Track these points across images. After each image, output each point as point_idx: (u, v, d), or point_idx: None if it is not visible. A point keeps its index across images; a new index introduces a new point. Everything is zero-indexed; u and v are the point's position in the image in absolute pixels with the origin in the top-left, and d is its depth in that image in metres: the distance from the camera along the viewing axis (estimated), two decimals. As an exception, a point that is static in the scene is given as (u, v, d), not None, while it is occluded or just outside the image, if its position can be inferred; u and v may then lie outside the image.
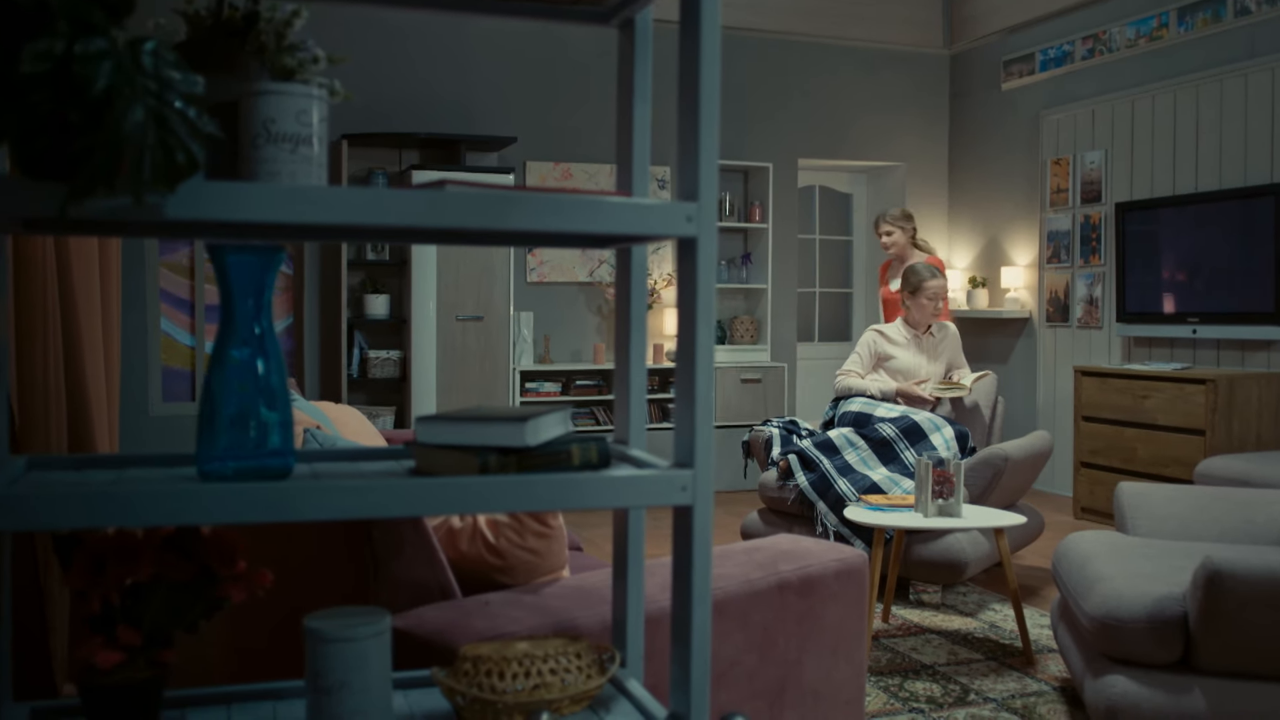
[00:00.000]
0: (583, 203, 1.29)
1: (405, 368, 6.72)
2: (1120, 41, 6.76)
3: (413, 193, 1.24)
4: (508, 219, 1.27)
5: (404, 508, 1.27)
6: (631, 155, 1.53)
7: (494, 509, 1.30)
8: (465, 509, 1.29)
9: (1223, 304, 6.01)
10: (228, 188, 1.19)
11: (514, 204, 1.27)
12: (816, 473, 4.67)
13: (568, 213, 1.28)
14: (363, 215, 1.24)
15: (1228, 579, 2.53)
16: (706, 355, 1.36)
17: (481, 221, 1.26)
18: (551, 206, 1.28)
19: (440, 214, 1.25)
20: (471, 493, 1.28)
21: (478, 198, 1.25)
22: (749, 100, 7.78)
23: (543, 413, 1.42)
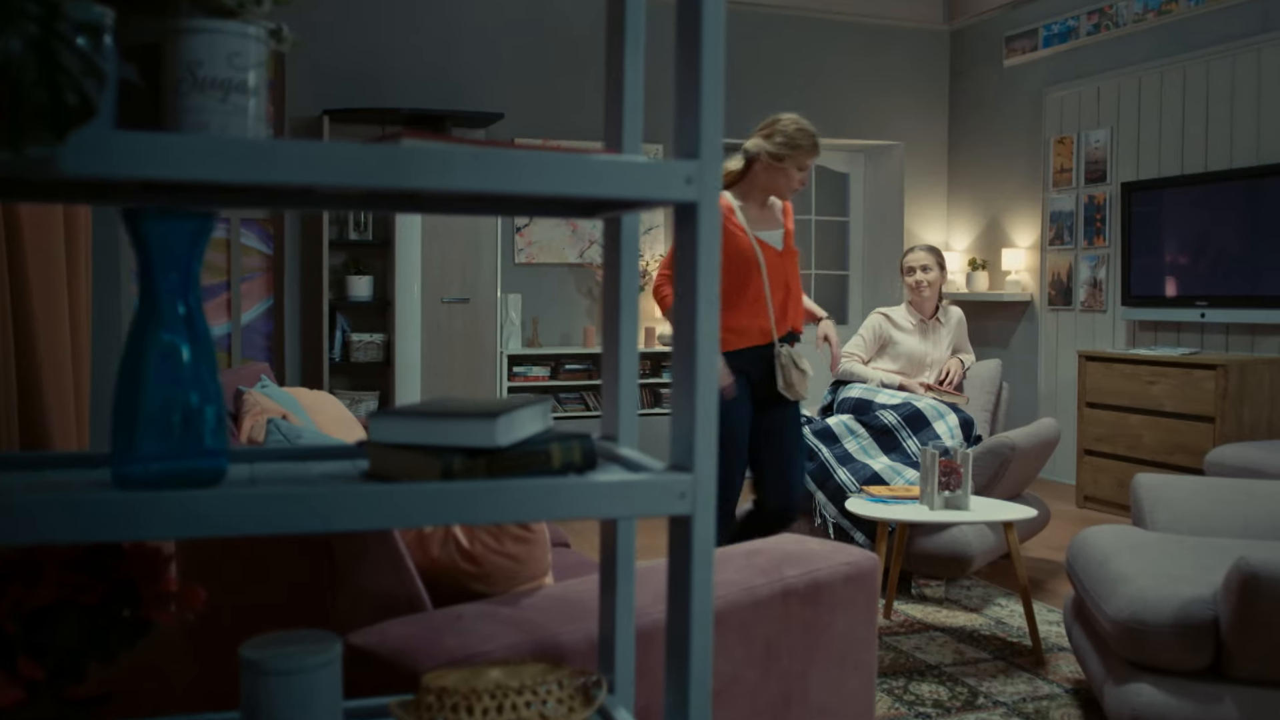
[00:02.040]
0: (563, 161, 1.09)
1: (389, 351, 6.52)
2: (1127, 16, 6.55)
3: (364, 149, 1.04)
4: (474, 178, 1.07)
5: (352, 520, 1.08)
6: (622, 107, 1.33)
7: (459, 520, 1.11)
8: (425, 520, 1.10)
9: (1232, 287, 5.82)
10: (138, 139, 0.99)
11: (482, 162, 1.07)
12: (815, 462, 4.49)
13: (545, 172, 1.09)
14: (304, 173, 1.04)
15: (1265, 582, 2.35)
16: (709, 341, 1.16)
17: (444, 181, 1.06)
18: (526, 165, 1.08)
19: (396, 173, 1.05)
20: (432, 502, 1.09)
21: (440, 154, 1.06)
22: (744, 76, 7.56)
23: (518, 406, 1.23)
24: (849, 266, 8.53)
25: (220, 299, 6.51)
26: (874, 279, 8.34)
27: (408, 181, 1.06)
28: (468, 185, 1.07)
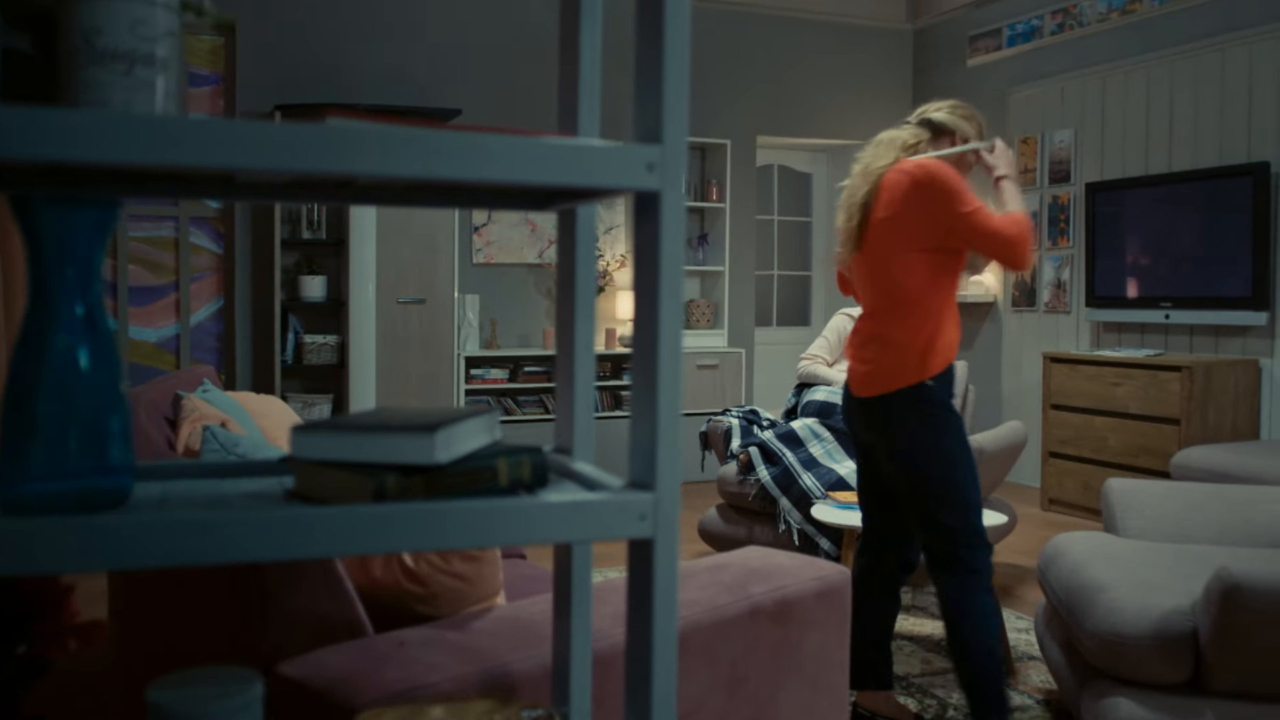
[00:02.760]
0: (511, 145, 0.97)
1: (343, 353, 6.35)
2: (1091, 16, 6.51)
3: (285, 128, 0.92)
4: (410, 163, 0.95)
5: (271, 549, 0.95)
6: (577, 87, 1.21)
7: (393, 547, 0.98)
8: (354, 549, 0.97)
9: (1197, 288, 5.79)
10: (15, 115, 0.86)
11: (419, 145, 0.95)
12: (779, 466, 4.39)
13: (491, 157, 0.97)
14: (216, 155, 0.91)
15: (1247, 593, 2.26)
16: (672, 345, 1.05)
17: (376, 166, 0.94)
18: (469, 149, 0.96)
19: (321, 156, 0.93)
20: (362, 527, 0.96)
21: (372, 136, 0.93)
22: (706, 74, 7.46)
23: (460, 417, 1.10)
24: (811, 267, 8.45)
25: (169, 299, 6.32)
26: (836, 280, 8.26)
27: (335, 165, 0.93)
28: (403, 171, 0.95)
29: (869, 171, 2.81)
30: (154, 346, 6.29)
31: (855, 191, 2.83)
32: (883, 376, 2.78)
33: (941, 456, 2.76)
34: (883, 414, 2.79)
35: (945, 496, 2.77)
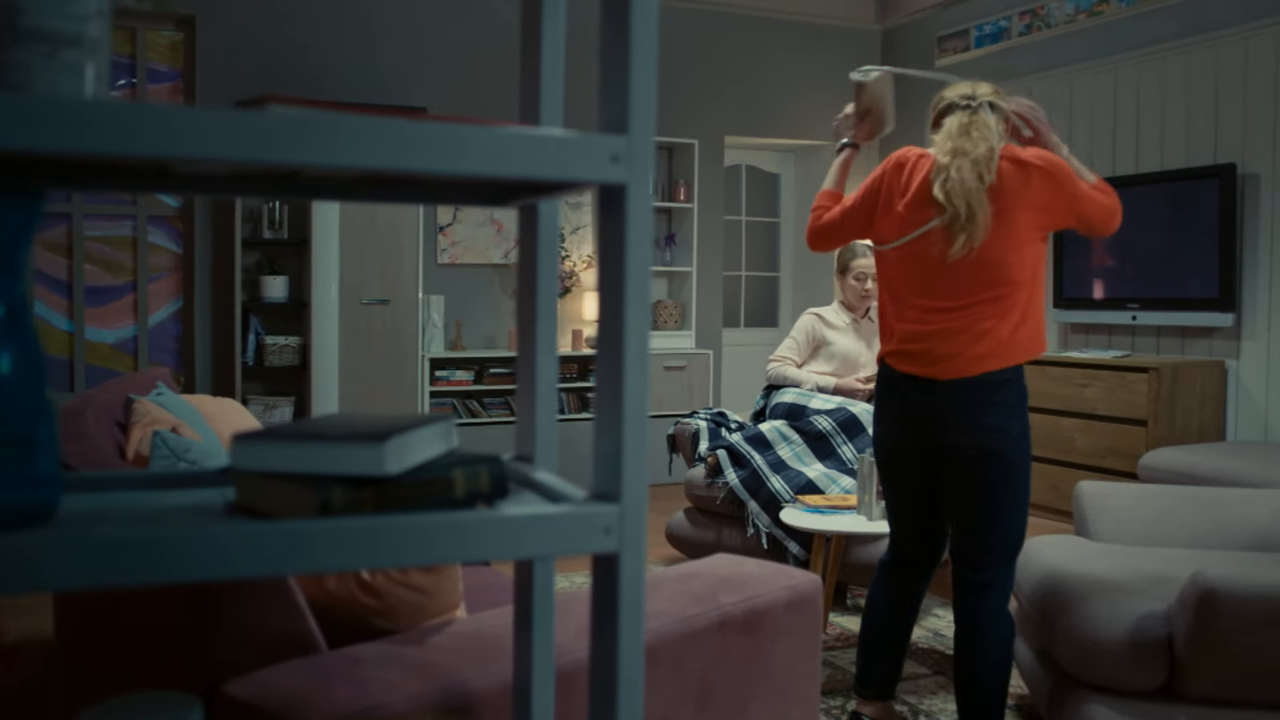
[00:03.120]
0: (466, 134, 0.91)
1: (305, 355, 6.25)
2: (1059, 17, 6.51)
3: (220, 114, 0.85)
4: (357, 152, 0.88)
5: (207, 568, 0.88)
6: (539, 74, 1.15)
7: (340, 565, 0.92)
8: (297, 567, 0.90)
9: (1164, 289, 5.79)
10: (-77, 97, 0.79)
11: (367, 133, 0.88)
12: (747, 469, 4.33)
13: (444, 147, 0.90)
14: (145, 144, 0.84)
15: (1223, 598, 2.23)
16: (639, 347, 0.98)
17: (321, 155, 0.87)
18: (421, 138, 0.90)
19: (260, 144, 0.86)
20: (306, 544, 0.90)
21: (311, 124, 0.87)
22: (674, 74, 7.41)
23: (413, 425, 1.04)
24: (779, 268, 8.41)
25: (126, 300, 6.20)
26: (805, 280, 8.24)
27: (274, 155, 0.86)
28: (348, 161, 0.88)
29: (978, 160, 2.58)
30: (111, 348, 6.17)
31: (967, 181, 2.57)
32: (986, 357, 2.58)
33: (1027, 455, 2.63)
34: (979, 397, 2.58)
35: (1020, 502, 2.64)
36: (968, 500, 2.64)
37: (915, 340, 2.67)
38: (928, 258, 2.64)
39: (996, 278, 2.60)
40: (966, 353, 2.60)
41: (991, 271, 2.60)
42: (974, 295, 2.61)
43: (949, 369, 2.61)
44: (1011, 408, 2.61)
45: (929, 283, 2.65)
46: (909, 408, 2.69)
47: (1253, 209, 5.47)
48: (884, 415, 2.77)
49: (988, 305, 2.61)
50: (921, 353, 2.65)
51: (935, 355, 2.63)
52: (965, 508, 2.65)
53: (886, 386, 2.76)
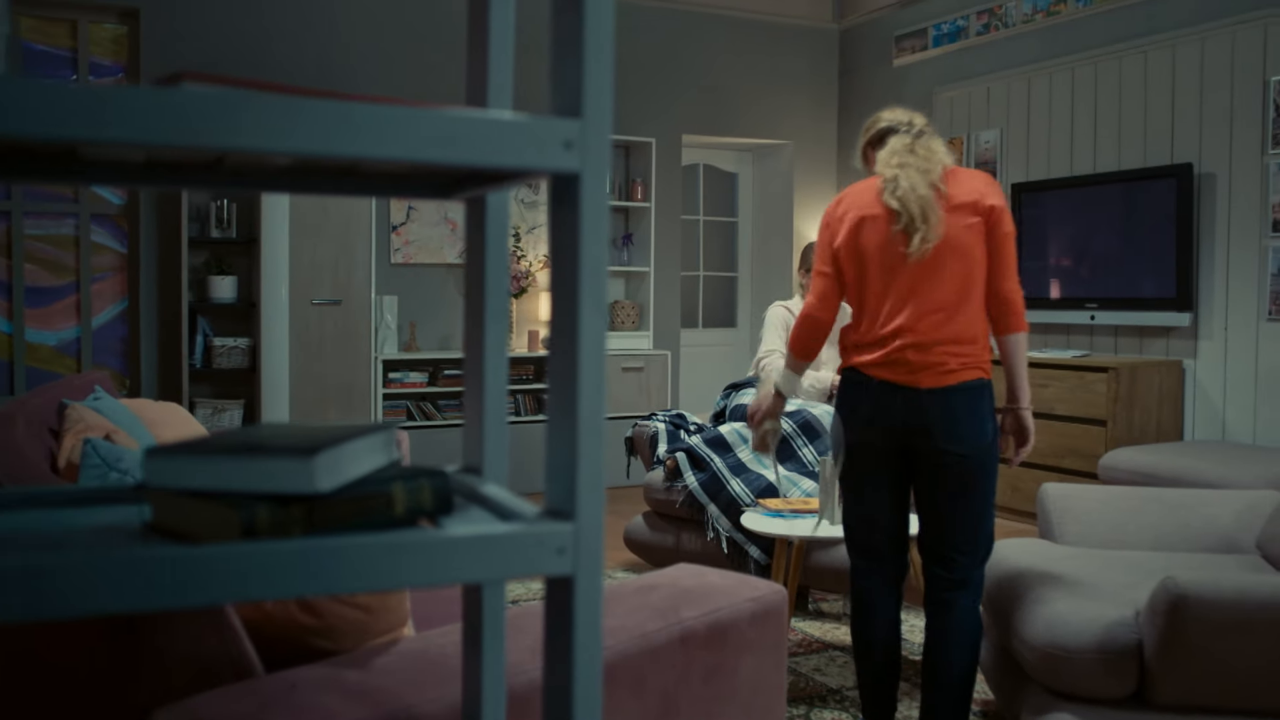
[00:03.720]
0: (403, 116, 0.82)
1: (255, 357, 6.11)
2: (1017, 16, 6.50)
3: (124, 92, 0.76)
4: (280, 135, 0.79)
5: (113, 600, 0.79)
6: (487, 50, 1.06)
7: (264, 594, 0.83)
8: (216, 597, 0.81)
9: (1121, 289, 5.79)
10: None
11: (286, 115, 0.79)
12: (707, 472, 4.26)
13: (378, 130, 0.81)
14: (36, 124, 0.75)
15: (1194, 605, 2.18)
16: (595, 350, 0.90)
17: (240, 139, 0.78)
18: (352, 121, 0.81)
19: (168, 127, 0.77)
20: (225, 572, 0.81)
21: (228, 104, 0.78)
22: (630, 71, 7.33)
23: (349, 436, 0.95)
24: (738, 268, 8.36)
25: (69, 300, 6.03)
26: (763, 280, 8.19)
27: (188, 138, 0.77)
28: (271, 144, 0.80)
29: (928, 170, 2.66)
30: (53, 350, 6.00)
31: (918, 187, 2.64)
32: (966, 367, 2.63)
33: (996, 459, 2.68)
34: (963, 404, 2.62)
35: (990, 501, 2.69)
36: (944, 503, 2.66)
37: (886, 346, 2.66)
38: (893, 265, 2.66)
39: (962, 275, 2.63)
40: (950, 361, 2.61)
41: (955, 269, 2.62)
42: (942, 297, 2.63)
43: (929, 378, 2.62)
44: (988, 413, 2.66)
45: (898, 288, 2.66)
46: (886, 415, 2.66)
47: (1209, 209, 5.47)
48: (854, 421, 2.73)
49: (957, 308, 2.63)
50: (898, 360, 2.64)
51: (914, 364, 2.63)
52: (941, 510, 2.67)
53: (857, 390, 2.72)
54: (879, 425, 2.68)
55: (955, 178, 2.69)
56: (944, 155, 2.72)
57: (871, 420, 2.69)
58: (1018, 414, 2.77)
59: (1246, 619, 2.20)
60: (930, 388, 2.61)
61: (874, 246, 2.69)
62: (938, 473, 2.64)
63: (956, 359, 2.62)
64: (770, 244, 8.12)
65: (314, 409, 6.13)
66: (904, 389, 2.64)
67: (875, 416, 2.68)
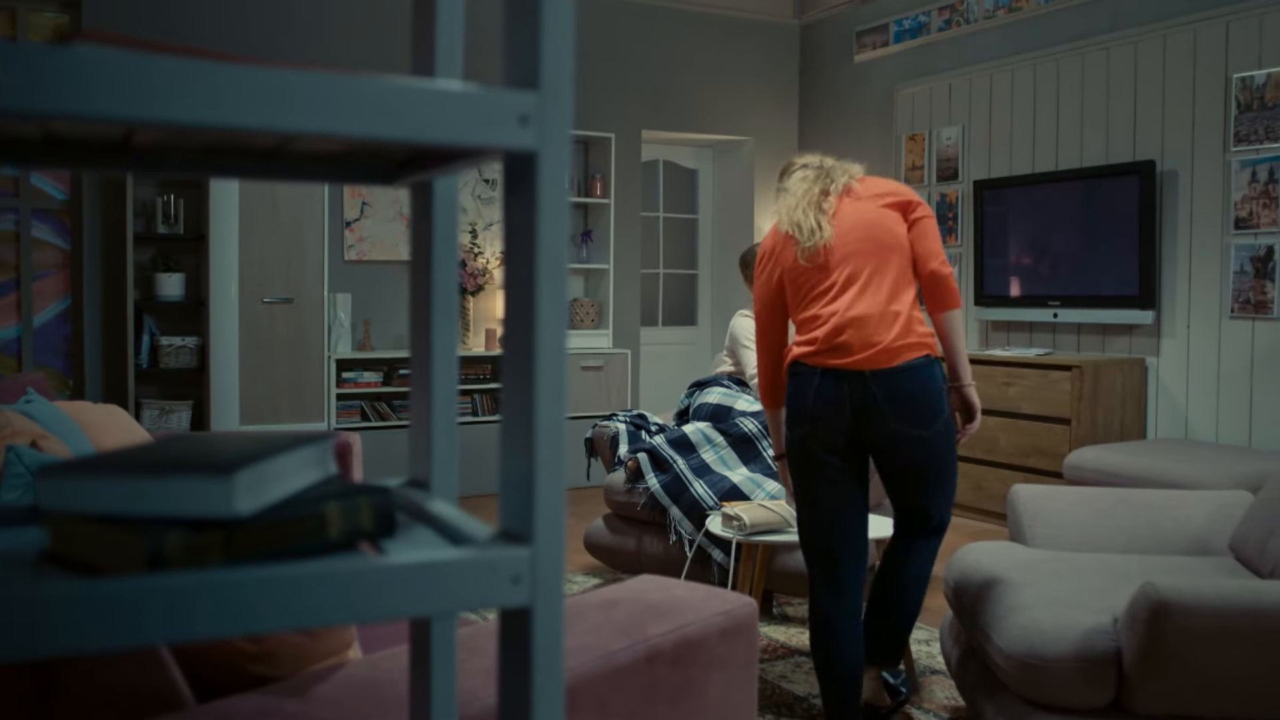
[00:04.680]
0: (329, 85, 0.71)
1: (204, 356, 5.94)
2: (978, 13, 6.45)
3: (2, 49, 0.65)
4: (179, 106, 0.68)
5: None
6: (434, 11, 0.95)
7: (174, 635, 0.72)
8: (116, 641, 0.70)
9: (1084, 287, 5.76)
10: None
11: (195, 82, 0.68)
12: (669, 474, 4.16)
13: (299, 100, 0.70)
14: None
15: (1175, 612, 2.11)
16: (553, 352, 0.80)
17: (142, 109, 0.67)
18: (268, 89, 0.70)
19: (45, 92, 0.66)
20: (127, 610, 0.70)
21: (124, 68, 0.67)
22: (590, 66, 7.22)
23: (277, 449, 0.84)
24: (698, 265, 8.27)
25: (9, 299, 5.83)
26: (724, 277, 8.11)
27: (76, 105, 0.66)
28: (181, 115, 0.68)
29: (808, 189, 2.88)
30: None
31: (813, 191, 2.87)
32: (917, 345, 2.69)
33: (952, 423, 2.79)
34: (922, 379, 2.67)
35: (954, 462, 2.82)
36: (914, 483, 2.77)
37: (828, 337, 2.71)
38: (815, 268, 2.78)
39: (883, 258, 2.73)
40: (898, 339, 2.67)
41: (875, 254, 2.73)
42: (862, 263, 2.72)
43: (872, 359, 2.66)
44: (940, 391, 2.72)
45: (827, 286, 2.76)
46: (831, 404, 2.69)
47: (1171, 206, 5.45)
48: (801, 416, 2.74)
49: (879, 277, 2.71)
50: (840, 345, 2.68)
51: (852, 345, 2.67)
52: (912, 488, 2.79)
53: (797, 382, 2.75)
54: (823, 417, 2.70)
55: (865, 181, 2.86)
56: (852, 170, 2.91)
57: (816, 414, 2.70)
58: (961, 391, 2.86)
59: (1228, 626, 2.13)
60: (875, 369, 2.66)
61: (791, 260, 2.80)
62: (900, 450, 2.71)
63: (899, 339, 2.67)
64: (731, 241, 8.04)
65: (265, 410, 5.97)
66: (848, 374, 2.67)
67: (819, 407, 2.70)
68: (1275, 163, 4.98)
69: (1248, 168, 5.09)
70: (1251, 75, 5.07)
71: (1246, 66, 5.11)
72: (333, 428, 6.15)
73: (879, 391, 2.65)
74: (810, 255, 2.77)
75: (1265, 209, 5.03)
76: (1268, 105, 5.00)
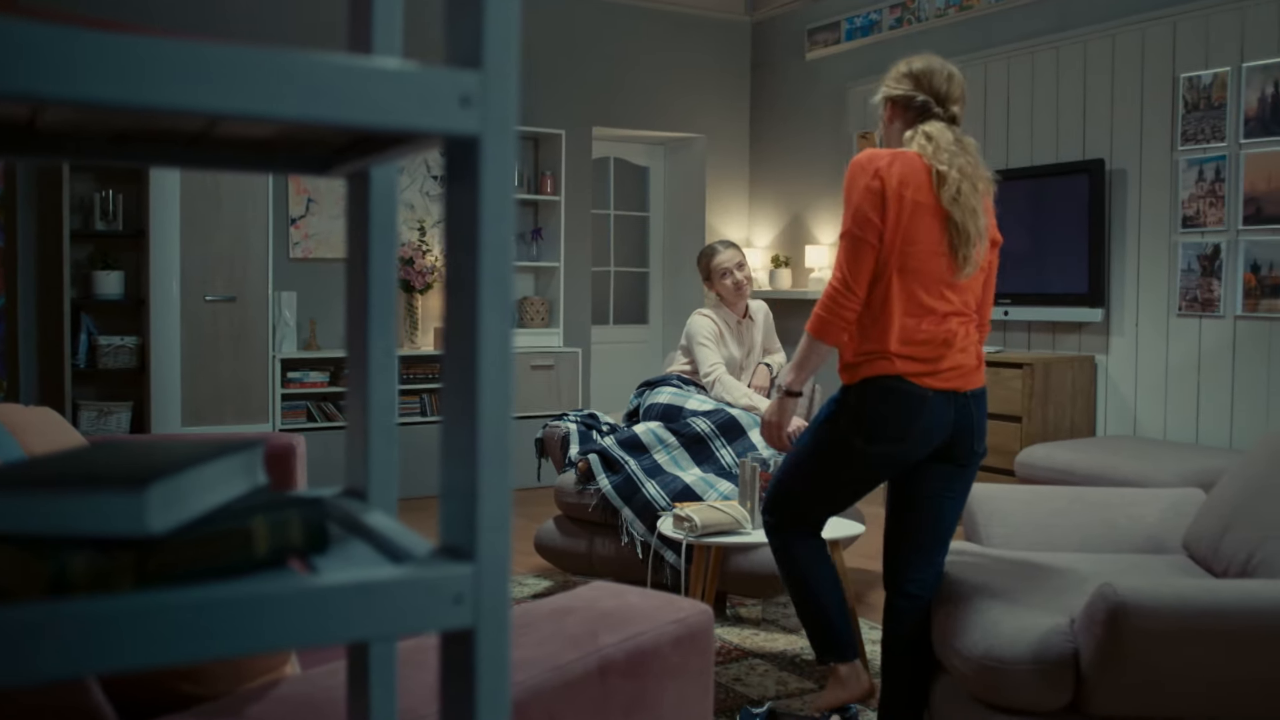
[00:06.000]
0: (246, 60, 0.65)
1: (144, 356, 5.79)
2: (930, 11, 6.46)
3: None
4: (77, 81, 0.61)
5: None
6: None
7: (80, 668, 0.65)
8: (15, 676, 0.63)
9: (1035, 285, 5.78)
10: None
11: (89, 55, 0.62)
12: (621, 475, 4.10)
13: (212, 77, 0.64)
14: None
15: (1134, 613, 2.09)
16: (498, 352, 0.74)
17: (19, 84, 0.60)
18: (172, 63, 0.63)
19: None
20: (25, 641, 0.63)
21: (13, 38, 0.60)
22: (540, 61, 7.14)
23: (197, 460, 0.77)
24: (649, 263, 8.23)
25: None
26: (675, 276, 8.07)
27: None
28: (85, 92, 0.62)
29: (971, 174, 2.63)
30: (-77, 350, 5.62)
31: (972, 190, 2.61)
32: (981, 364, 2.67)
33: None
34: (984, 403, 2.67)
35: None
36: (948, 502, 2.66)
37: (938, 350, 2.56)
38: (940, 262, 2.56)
39: (976, 287, 2.67)
40: (974, 360, 2.63)
41: (976, 281, 2.66)
42: (964, 301, 2.61)
43: (972, 378, 2.61)
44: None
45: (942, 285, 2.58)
46: (934, 426, 2.55)
47: (1120, 205, 5.48)
48: (891, 437, 2.55)
49: (969, 314, 2.65)
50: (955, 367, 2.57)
51: (955, 362, 2.56)
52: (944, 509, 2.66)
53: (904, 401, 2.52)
54: (921, 439, 2.55)
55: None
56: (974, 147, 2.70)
57: (910, 434, 2.54)
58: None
59: (1186, 627, 2.11)
60: (972, 390, 2.60)
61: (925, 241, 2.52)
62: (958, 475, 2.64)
63: (977, 357, 2.65)
64: (682, 239, 8.01)
65: (208, 411, 5.84)
66: (956, 396, 2.57)
67: (921, 430, 2.53)
68: (1222, 162, 5.02)
69: (1195, 167, 5.12)
70: (1198, 75, 5.10)
71: (1193, 67, 5.15)
72: (278, 429, 6.03)
73: (976, 410, 2.61)
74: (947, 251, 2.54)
75: (1212, 208, 5.07)
76: (1214, 105, 5.04)
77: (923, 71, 2.66)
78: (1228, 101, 4.99)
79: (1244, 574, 2.51)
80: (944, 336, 2.54)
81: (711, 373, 4.35)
